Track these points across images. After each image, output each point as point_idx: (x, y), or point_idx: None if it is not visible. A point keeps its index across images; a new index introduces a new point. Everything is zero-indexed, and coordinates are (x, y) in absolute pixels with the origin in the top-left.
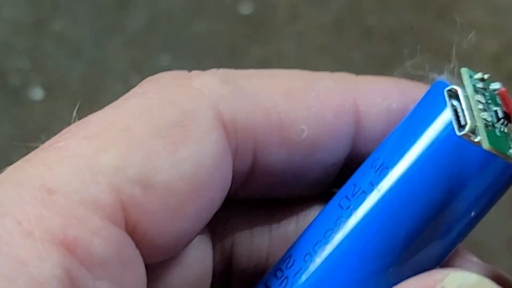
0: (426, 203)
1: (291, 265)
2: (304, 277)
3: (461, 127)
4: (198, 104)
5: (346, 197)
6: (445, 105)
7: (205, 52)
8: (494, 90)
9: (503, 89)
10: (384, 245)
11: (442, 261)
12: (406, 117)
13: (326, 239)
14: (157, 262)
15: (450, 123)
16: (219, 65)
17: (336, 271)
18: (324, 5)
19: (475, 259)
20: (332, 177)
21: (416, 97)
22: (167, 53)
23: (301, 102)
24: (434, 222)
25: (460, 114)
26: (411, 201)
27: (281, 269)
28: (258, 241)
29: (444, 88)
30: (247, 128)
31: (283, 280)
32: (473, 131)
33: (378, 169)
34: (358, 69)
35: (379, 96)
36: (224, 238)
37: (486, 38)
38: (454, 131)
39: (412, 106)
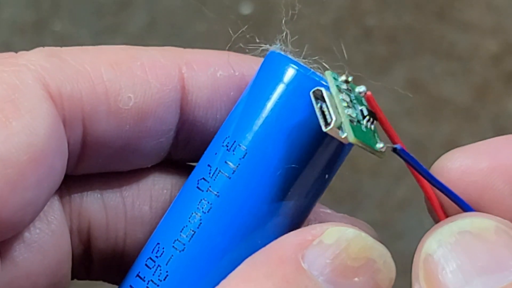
0: (284, 172)
1: (162, 253)
2: (177, 263)
3: (327, 124)
4: (24, 78)
5: (204, 179)
6: (282, 74)
7: None
8: (360, 92)
9: (369, 92)
10: (251, 218)
11: (306, 218)
12: (246, 92)
13: (192, 223)
14: (12, 249)
15: (292, 90)
16: None
17: (208, 252)
18: (324, 5)
19: (328, 210)
20: (167, 146)
21: (243, 66)
22: None
23: (126, 72)
24: (294, 188)
25: (326, 112)
26: (269, 173)
27: (151, 259)
28: (114, 223)
29: (278, 58)
30: (73, 98)
31: (156, 269)
32: (339, 127)
33: (231, 147)
34: (358, 69)
35: (204, 64)
36: (81, 221)
37: (486, 38)
38: (299, 99)
39: (238, 74)
